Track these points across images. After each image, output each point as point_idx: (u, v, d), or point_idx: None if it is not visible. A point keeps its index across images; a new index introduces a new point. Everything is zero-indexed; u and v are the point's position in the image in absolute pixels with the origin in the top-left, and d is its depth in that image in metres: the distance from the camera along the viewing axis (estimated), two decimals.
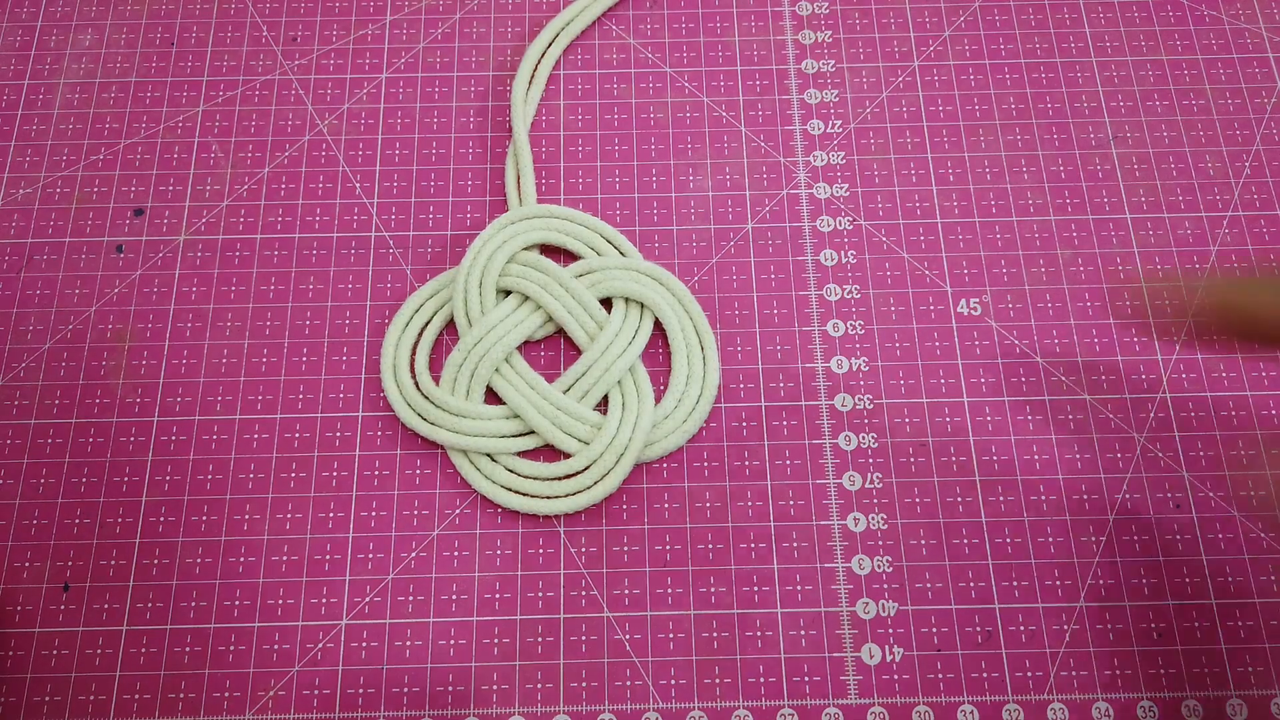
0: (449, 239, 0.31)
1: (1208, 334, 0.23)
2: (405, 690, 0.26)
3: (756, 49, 0.33)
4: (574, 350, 0.29)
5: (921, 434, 0.28)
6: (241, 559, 0.27)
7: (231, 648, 0.26)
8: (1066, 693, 0.26)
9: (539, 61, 0.33)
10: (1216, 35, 0.33)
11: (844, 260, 0.30)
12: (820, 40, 0.34)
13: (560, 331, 0.29)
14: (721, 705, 0.26)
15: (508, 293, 0.29)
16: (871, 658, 0.26)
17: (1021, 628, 0.26)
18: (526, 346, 0.29)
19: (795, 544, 0.27)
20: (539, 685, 0.26)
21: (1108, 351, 0.29)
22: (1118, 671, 0.26)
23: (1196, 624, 0.26)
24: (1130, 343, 0.29)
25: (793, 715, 0.25)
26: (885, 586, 0.27)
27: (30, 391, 0.29)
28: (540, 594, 0.27)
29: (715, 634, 0.26)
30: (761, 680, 0.26)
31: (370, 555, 0.27)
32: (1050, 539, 0.27)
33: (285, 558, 0.27)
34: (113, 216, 0.31)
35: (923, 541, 0.27)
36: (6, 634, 0.26)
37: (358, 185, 0.31)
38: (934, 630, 0.26)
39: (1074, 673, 0.26)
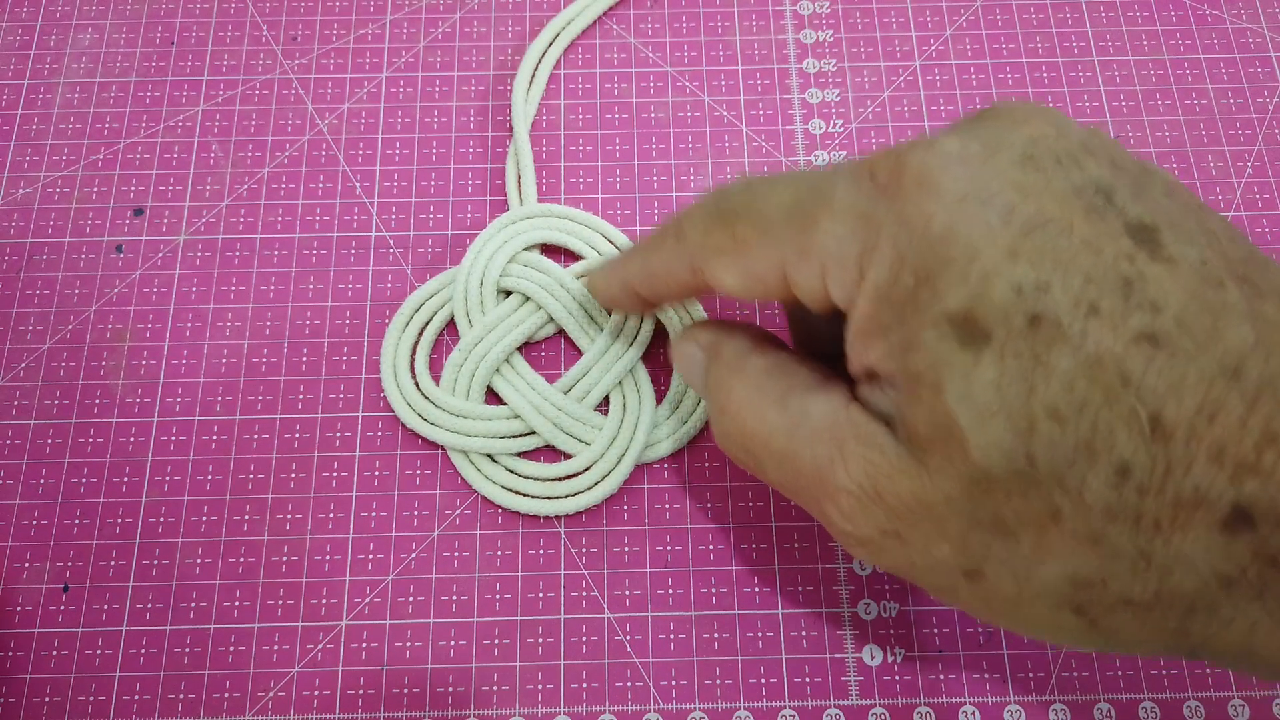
0: (449, 239, 0.31)
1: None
2: (405, 691, 0.26)
3: (757, 48, 0.33)
4: (574, 351, 0.29)
5: None
6: (241, 559, 0.27)
7: (231, 648, 0.26)
8: (1068, 693, 0.26)
9: (539, 61, 0.33)
10: (1218, 35, 0.33)
11: None
12: (821, 40, 0.34)
13: (561, 332, 0.29)
14: (722, 706, 0.25)
15: (508, 293, 0.29)
16: (873, 658, 0.26)
17: None
18: (527, 347, 0.29)
19: (796, 544, 0.27)
20: (539, 686, 0.26)
21: None
22: (1120, 672, 0.26)
23: None
24: None
25: (794, 716, 0.25)
26: (886, 587, 0.27)
27: (30, 391, 0.29)
28: (540, 595, 0.27)
29: (716, 635, 0.26)
30: (762, 681, 0.26)
31: (370, 556, 0.27)
32: None
33: (285, 558, 0.27)
34: (112, 216, 0.31)
35: None
36: (6, 634, 0.26)
37: (358, 185, 0.31)
38: (935, 631, 0.26)
39: (1075, 673, 0.26)
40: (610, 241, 0.30)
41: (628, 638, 0.26)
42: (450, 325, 0.29)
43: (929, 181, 0.17)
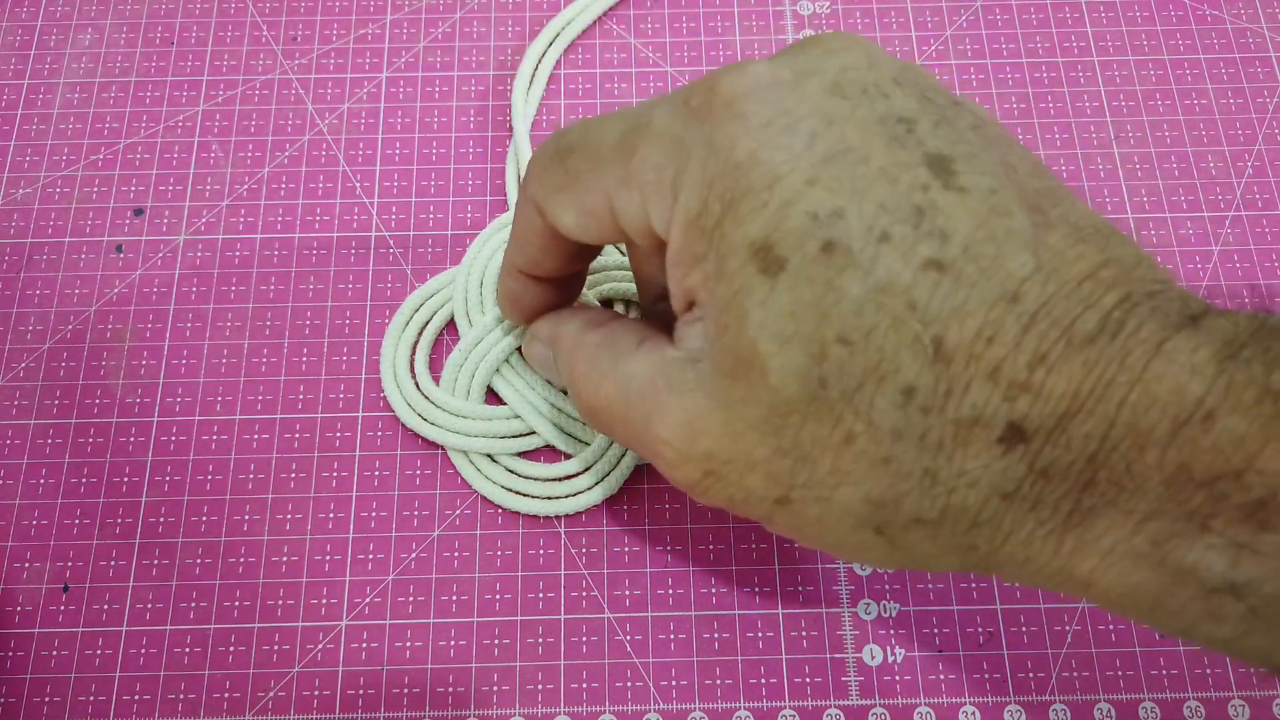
0: (449, 239, 0.31)
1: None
2: (405, 691, 0.26)
3: (758, 49, 0.33)
4: None
5: None
6: (241, 559, 0.27)
7: (231, 648, 0.26)
8: (1068, 694, 0.26)
9: (539, 61, 0.33)
10: (1218, 35, 0.33)
11: None
12: None
13: None
14: (722, 706, 0.25)
15: None
16: (873, 658, 0.26)
17: (1023, 628, 0.26)
18: None
19: (796, 545, 0.27)
20: (539, 686, 0.26)
21: None
22: (1120, 672, 0.26)
23: None
24: None
25: (794, 716, 0.25)
26: (887, 587, 0.27)
27: (30, 391, 0.29)
28: (540, 595, 0.27)
29: (716, 635, 0.26)
30: (762, 681, 0.26)
31: (370, 556, 0.27)
32: None
33: (285, 558, 0.27)
34: (112, 216, 0.31)
35: None
36: (6, 634, 0.26)
37: (358, 185, 0.31)
38: (935, 631, 0.26)
39: (1075, 673, 0.26)
40: None
41: (628, 638, 0.26)
42: (450, 325, 0.29)
43: (737, 106, 0.17)
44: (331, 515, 0.27)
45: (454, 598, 0.27)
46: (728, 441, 0.18)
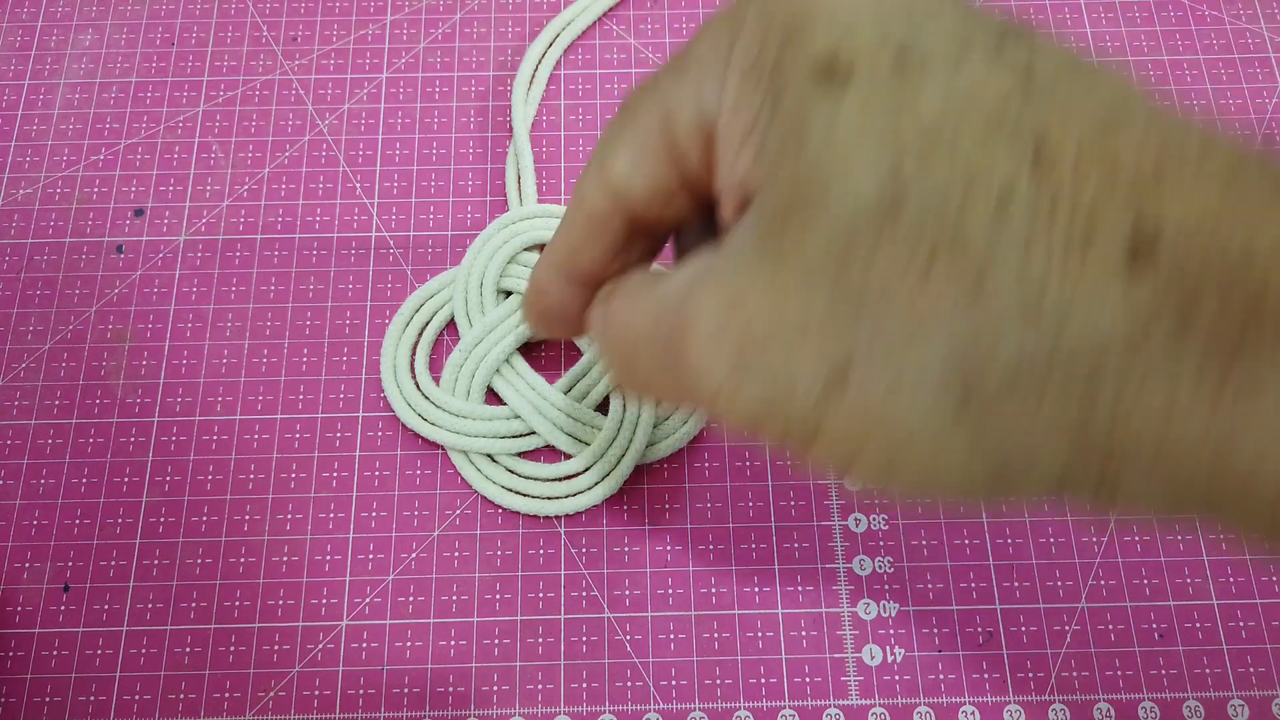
0: (449, 239, 0.31)
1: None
2: (405, 691, 0.26)
3: None
4: (574, 351, 0.29)
5: None
6: (241, 559, 0.27)
7: (231, 648, 0.26)
8: (1068, 693, 0.26)
9: (539, 61, 0.33)
10: (1218, 35, 0.33)
11: None
12: None
13: None
14: (722, 706, 0.25)
15: (508, 293, 0.29)
16: (872, 658, 0.26)
17: (1023, 628, 0.26)
18: (527, 347, 0.29)
19: (796, 545, 0.27)
20: (539, 686, 0.26)
21: None
22: (1119, 672, 0.26)
23: (1198, 624, 0.26)
24: None
25: (794, 716, 0.25)
26: (886, 587, 0.27)
27: (30, 392, 0.29)
28: (540, 595, 0.27)
29: (716, 635, 0.26)
30: (762, 681, 0.26)
31: (370, 556, 0.27)
32: (1051, 539, 0.27)
33: (285, 558, 0.27)
34: (113, 217, 0.31)
35: (924, 542, 0.27)
36: (6, 634, 0.26)
37: (358, 185, 0.31)
38: (935, 631, 0.26)
39: (1075, 673, 0.26)
40: None
41: (628, 638, 0.26)
42: (450, 325, 0.29)
43: None
44: (331, 515, 0.27)
45: (454, 598, 0.27)
46: (772, 302, 0.15)
